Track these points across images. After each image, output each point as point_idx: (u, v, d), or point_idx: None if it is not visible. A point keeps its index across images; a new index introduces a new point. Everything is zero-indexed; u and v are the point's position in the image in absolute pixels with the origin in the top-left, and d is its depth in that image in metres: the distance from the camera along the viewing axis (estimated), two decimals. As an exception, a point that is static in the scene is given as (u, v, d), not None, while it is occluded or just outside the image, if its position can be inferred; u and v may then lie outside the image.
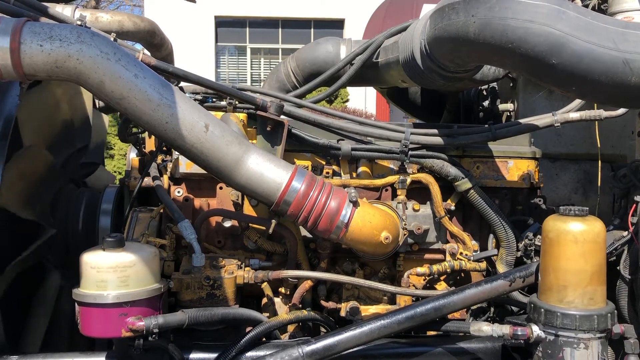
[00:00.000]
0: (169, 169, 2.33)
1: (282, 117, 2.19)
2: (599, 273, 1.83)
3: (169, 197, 2.24)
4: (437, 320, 2.05)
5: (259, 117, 2.17)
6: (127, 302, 1.82)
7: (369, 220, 2.05)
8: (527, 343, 1.86)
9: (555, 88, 1.92)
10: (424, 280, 2.34)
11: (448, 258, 2.36)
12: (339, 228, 2.01)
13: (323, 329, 2.27)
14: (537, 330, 1.84)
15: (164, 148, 2.38)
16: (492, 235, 2.38)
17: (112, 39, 1.89)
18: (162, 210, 2.28)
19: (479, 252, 2.37)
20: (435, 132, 2.33)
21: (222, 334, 2.11)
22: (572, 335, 1.79)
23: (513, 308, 2.41)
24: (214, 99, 2.29)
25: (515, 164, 2.43)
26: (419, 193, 2.38)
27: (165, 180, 2.32)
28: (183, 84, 2.20)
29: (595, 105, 2.42)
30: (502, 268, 2.32)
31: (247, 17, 16.12)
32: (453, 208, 2.37)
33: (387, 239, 2.07)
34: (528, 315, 1.92)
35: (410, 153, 2.29)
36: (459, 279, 2.45)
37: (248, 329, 2.09)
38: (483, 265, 2.36)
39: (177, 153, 2.24)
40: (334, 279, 2.20)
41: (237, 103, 2.22)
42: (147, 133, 2.41)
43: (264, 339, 2.11)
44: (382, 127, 2.34)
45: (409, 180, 2.34)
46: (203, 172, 2.02)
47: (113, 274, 1.82)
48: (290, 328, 2.30)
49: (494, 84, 3.19)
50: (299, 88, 2.83)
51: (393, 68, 2.53)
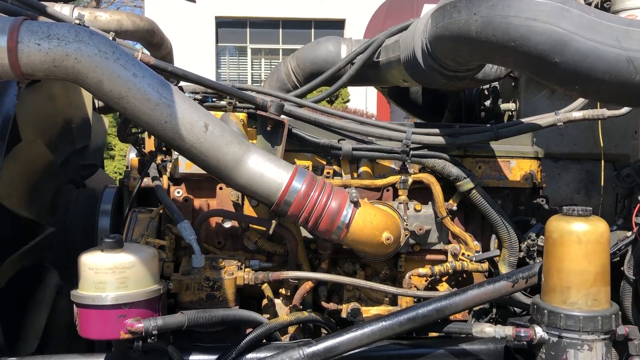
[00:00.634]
0: (169, 169, 2.32)
1: (282, 116, 2.17)
2: (603, 274, 1.81)
3: (169, 197, 2.23)
4: (439, 322, 2.04)
5: (259, 116, 2.16)
6: (125, 303, 1.81)
7: (370, 221, 2.03)
8: (530, 344, 1.85)
9: (558, 87, 1.90)
10: (426, 281, 2.33)
11: (450, 259, 2.35)
12: (340, 229, 1.99)
13: (324, 331, 2.26)
14: (540, 332, 1.83)
15: (164, 148, 2.37)
16: (494, 236, 2.37)
17: (110, 38, 1.88)
18: (161, 211, 2.27)
19: (481, 252, 2.35)
20: (437, 131, 2.32)
21: (222, 336, 2.10)
22: (575, 337, 1.78)
23: (516, 309, 2.40)
24: (214, 99, 2.28)
25: (518, 164, 2.42)
26: (421, 193, 2.36)
27: (165, 181, 2.31)
28: (183, 84, 2.19)
29: (598, 104, 2.41)
30: (504, 269, 2.31)
31: (247, 17, 16.12)
32: (455, 208, 2.36)
33: (388, 240, 2.05)
34: (531, 317, 1.91)
35: (412, 153, 2.28)
36: (461, 280, 2.43)
37: (248, 331, 2.07)
38: (485, 266, 2.34)
39: (176, 153, 2.23)
40: (335, 280, 2.19)
41: (237, 103, 2.21)
42: (146, 133, 2.39)
43: (264, 341, 2.10)
44: (383, 126, 2.33)
45: (411, 181, 2.32)
46: (203, 172, 2.00)
47: (112, 275, 1.80)
48: (291, 329, 2.29)
49: (496, 83, 3.18)
50: (300, 88, 2.82)
51: (394, 67, 2.52)
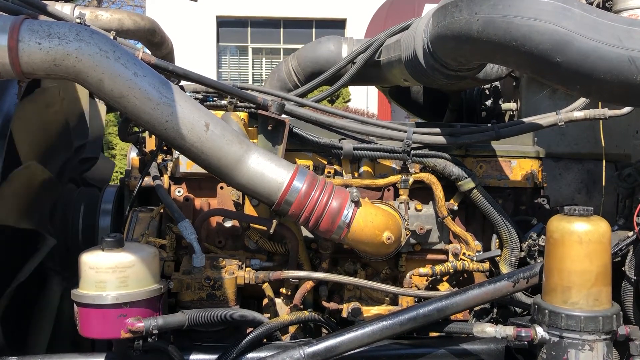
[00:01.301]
0: (170, 169, 2.32)
1: (283, 116, 2.17)
2: (604, 274, 1.81)
3: (169, 196, 2.23)
4: (439, 322, 2.03)
5: (260, 116, 2.16)
6: (126, 302, 1.80)
7: (371, 221, 2.03)
8: (531, 344, 1.84)
9: (560, 86, 1.90)
10: (427, 281, 2.33)
11: (451, 258, 2.35)
12: (341, 228, 1.99)
13: (324, 330, 2.26)
14: (541, 332, 1.82)
15: (165, 147, 2.37)
16: (495, 236, 2.37)
17: (111, 37, 1.88)
18: (162, 210, 2.27)
19: (482, 252, 2.35)
20: (438, 131, 2.32)
21: (222, 335, 2.09)
22: (576, 337, 1.77)
23: (517, 309, 2.39)
24: (215, 98, 2.28)
25: (519, 164, 2.42)
26: (422, 193, 2.36)
27: (166, 180, 2.31)
28: (184, 83, 2.19)
29: (600, 104, 2.41)
30: (505, 269, 2.31)
31: (248, 17, 16.12)
32: (456, 208, 2.35)
33: (389, 239, 2.05)
34: (532, 317, 1.90)
35: (413, 152, 2.27)
36: (462, 280, 2.43)
37: (249, 330, 2.07)
38: (486, 266, 2.34)
39: (177, 152, 2.23)
40: (336, 280, 2.19)
41: (238, 102, 2.21)
42: (147, 132, 2.39)
43: (265, 340, 2.10)
44: (384, 126, 2.33)
45: (412, 180, 2.32)
46: (204, 171, 2.00)
47: (112, 275, 1.80)
48: (292, 329, 2.29)
49: (497, 83, 3.17)
50: (301, 87, 2.82)
51: (395, 67, 2.51)
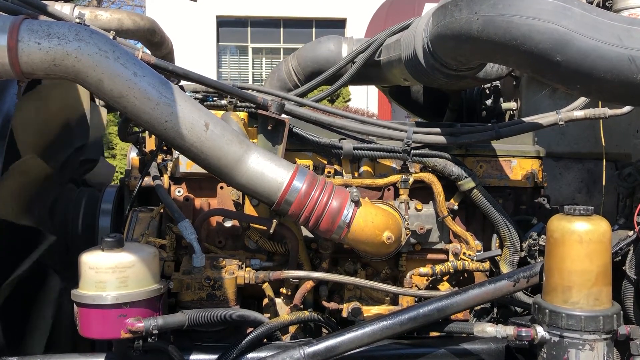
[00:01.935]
0: (169, 169, 2.32)
1: (283, 116, 2.17)
2: (605, 273, 1.80)
3: (169, 196, 2.23)
4: (440, 321, 2.03)
5: (260, 116, 2.15)
6: (126, 303, 1.80)
7: (371, 220, 2.03)
8: (531, 344, 1.84)
9: (560, 86, 1.90)
10: (427, 281, 2.33)
11: (451, 258, 2.34)
12: (341, 228, 1.99)
13: (325, 330, 2.26)
14: (541, 332, 1.82)
15: (164, 147, 2.37)
16: (495, 235, 2.36)
17: (111, 37, 1.88)
18: (162, 210, 2.26)
19: (483, 252, 2.35)
20: (438, 130, 2.31)
21: (222, 335, 2.09)
22: (577, 337, 1.77)
23: (517, 309, 2.39)
24: (215, 98, 2.28)
25: (519, 163, 2.41)
26: (422, 192, 2.36)
27: (166, 180, 2.30)
28: (183, 83, 2.19)
29: (600, 104, 2.41)
30: (505, 268, 2.30)
31: (248, 16, 16.12)
32: (456, 207, 2.35)
33: (389, 239, 2.05)
34: (532, 316, 1.90)
35: (413, 152, 2.27)
36: (462, 280, 2.43)
37: (249, 330, 2.07)
38: (486, 266, 2.34)
39: (177, 152, 2.23)
40: (336, 280, 2.18)
41: (237, 102, 2.21)
42: (147, 132, 2.39)
43: (265, 340, 2.09)
44: (384, 126, 2.33)
45: (412, 180, 2.32)
46: (203, 171, 2.00)
47: (112, 275, 1.80)
48: (292, 329, 2.29)
49: (497, 83, 3.17)
50: (301, 87, 2.82)
51: (395, 66, 2.51)
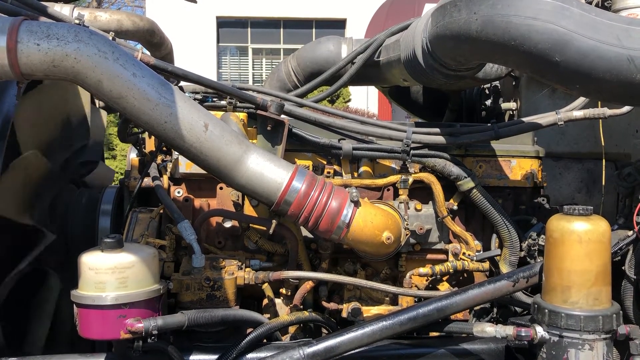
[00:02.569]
0: (169, 169, 2.32)
1: (282, 116, 2.17)
2: (604, 273, 1.80)
3: (169, 197, 2.23)
4: (439, 321, 2.03)
5: (259, 116, 2.15)
6: (125, 303, 1.80)
7: (371, 221, 2.03)
8: (531, 344, 1.84)
9: (559, 86, 1.90)
10: (427, 281, 2.33)
11: (451, 258, 2.34)
12: (340, 228, 1.99)
13: (324, 330, 2.26)
14: (541, 331, 1.82)
15: (164, 148, 2.37)
16: (495, 235, 2.37)
17: (110, 38, 1.88)
18: (161, 211, 2.26)
19: (482, 252, 2.35)
20: (438, 131, 2.32)
21: (222, 336, 2.09)
22: (576, 336, 1.77)
23: (517, 309, 2.39)
24: (214, 99, 2.28)
25: (519, 163, 2.41)
26: (421, 193, 2.36)
27: (165, 181, 2.30)
28: (183, 83, 2.19)
29: (599, 103, 2.41)
30: (505, 268, 2.30)
31: (248, 17, 16.12)
32: (456, 208, 2.35)
33: (389, 239, 2.05)
34: (532, 316, 1.90)
35: (412, 152, 2.27)
36: (462, 280, 2.43)
37: (249, 331, 2.07)
38: (486, 266, 2.33)
39: (177, 153, 2.23)
40: (336, 280, 2.18)
41: (237, 102, 2.21)
42: (147, 133, 2.39)
43: (265, 341, 2.09)
44: (383, 126, 2.33)
45: (411, 180, 2.32)
46: (203, 172, 2.00)
47: (112, 275, 1.80)
48: (292, 329, 2.29)
49: (497, 83, 3.17)
50: (300, 87, 2.82)
51: (395, 67, 2.51)
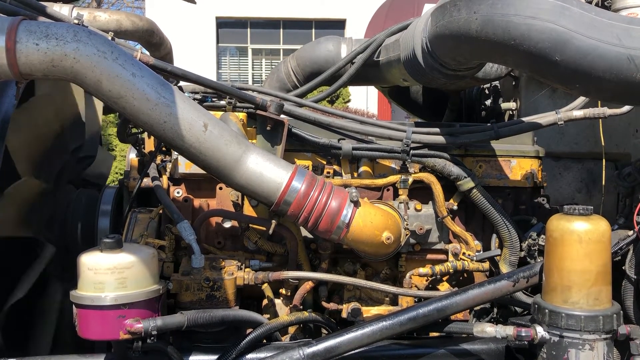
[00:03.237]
0: (168, 170, 2.32)
1: (282, 116, 2.17)
2: (604, 273, 1.80)
3: (168, 197, 2.22)
4: (439, 322, 2.03)
5: (259, 116, 2.15)
6: (125, 304, 1.80)
7: (371, 221, 2.02)
8: (531, 344, 1.84)
9: (559, 85, 1.89)
10: (427, 281, 2.32)
11: (451, 258, 2.34)
12: (340, 228, 1.99)
13: (324, 331, 2.25)
14: (541, 331, 1.82)
15: (163, 148, 2.36)
16: (495, 235, 2.36)
17: (109, 38, 1.87)
18: (161, 211, 2.26)
19: (482, 252, 2.35)
20: (437, 131, 2.31)
21: (222, 336, 2.09)
22: (577, 336, 1.77)
23: (517, 309, 2.39)
24: (214, 99, 2.27)
25: (519, 163, 2.41)
26: (421, 193, 2.36)
27: (165, 181, 2.30)
28: (182, 83, 2.18)
29: (599, 103, 2.40)
30: (505, 268, 2.30)
31: (248, 17, 16.12)
32: (455, 208, 2.35)
33: (388, 239, 2.04)
34: (532, 316, 1.90)
35: (412, 152, 2.27)
36: (462, 280, 2.43)
37: (248, 331, 2.07)
38: (486, 266, 2.33)
39: (176, 153, 2.23)
40: (335, 280, 2.18)
41: (236, 102, 2.20)
42: (146, 133, 2.39)
43: (265, 341, 2.09)
44: (383, 126, 2.32)
45: (411, 180, 2.31)
46: (202, 172, 1.99)
47: (111, 276, 1.80)
48: (291, 330, 2.28)
49: (497, 83, 3.17)
50: (300, 87, 2.81)
51: (394, 66, 2.51)
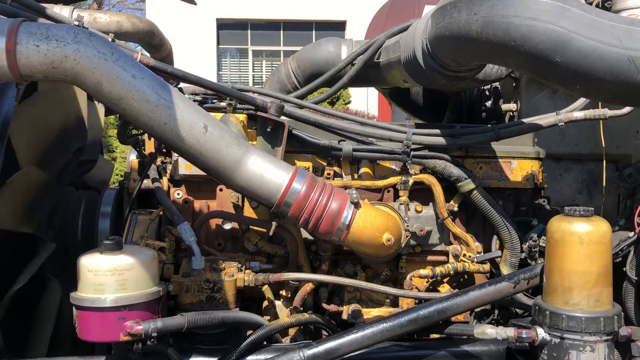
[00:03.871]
0: (169, 171, 2.31)
1: (282, 117, 2.17)
2: (605, 274, 1.80)
3: (169, 199, 2.22)
4: (440, 323, 2.03)
5: (259, 117, 2.15)
6: (125, 305, 1.80)
7: (371, 222, 2.02)
8: (532, 346, 1.84)
9: (559, 86, 1.89)
10: (427, 283, 2.32)
11: (451, 260, 2.34)
12: (340, 230, 1.98)
13: (325, 332, 2.25)
14: (542, 333, 1.82)
15: (164, 150, 2.36)
16: (495, 237, 2.36)
17: (109, 40, 1.87)
18: (161, 213, 2.26)
19: (483, 253, 2.34)
20: (438, 132, 2.31)
21: (222, 338, 2.08)
22: (578, 338, 1.76)
23: (517, 310, 2.39)
24: (214, 100, 2.27)
25: (519, 165, 2.41)
26: (422, 194, 2.35)
27: (165, 182, 2.30)
28: (183, 85, 2.19)
29: (600, 104, 2.40)
30: (506, 270, 2.30)
31: (248, 19, 16.14)
32: (456, 209, 2.35)
33: (389, 241, 2.04)
34: (533, 318, 1.90)
35: (413, 154, 2.27)
36: (463, 281, 2.42)
37: (248, 333, 2.06)
38: (487, 267, 2.33)
39: (176, 155, 2.22)
40: (336, 282, 2.18)
41: (237, 104, 2.20)
42: (146, 135, 2.39)
43: (265, 343, 2.09)
44: (383, 127, 2.32)
45: (411, 181, 2.31)
46: (203, 173, 1.99)
47: (111, 277, 1.79)
48: (292, 331, 2.28)
49: (497, 84, 3.17)
50: (300, 89, 2.81)
51: (394, 68, 2.51)
